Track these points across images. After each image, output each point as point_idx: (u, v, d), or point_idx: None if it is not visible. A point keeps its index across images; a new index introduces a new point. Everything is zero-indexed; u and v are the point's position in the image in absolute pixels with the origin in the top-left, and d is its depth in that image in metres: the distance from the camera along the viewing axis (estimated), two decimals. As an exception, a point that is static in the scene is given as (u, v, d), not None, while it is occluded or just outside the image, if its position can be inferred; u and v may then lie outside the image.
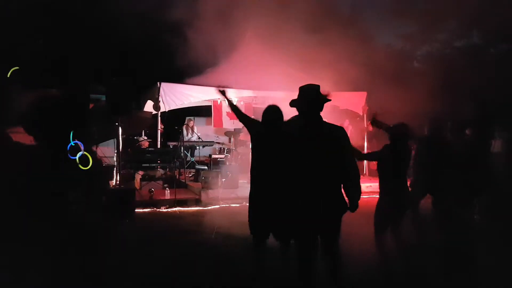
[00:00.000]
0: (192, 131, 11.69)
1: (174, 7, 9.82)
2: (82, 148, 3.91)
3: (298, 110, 3.21)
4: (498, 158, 5.81)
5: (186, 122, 12.03)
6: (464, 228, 4.91)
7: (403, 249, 4.08)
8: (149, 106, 10.37)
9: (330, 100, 3.21)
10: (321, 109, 3.14)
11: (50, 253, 4.36)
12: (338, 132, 3.14)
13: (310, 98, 3.14)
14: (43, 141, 5.37)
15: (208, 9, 9.83)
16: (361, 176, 3.53)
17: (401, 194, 4.10)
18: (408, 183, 4.33)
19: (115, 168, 8.27)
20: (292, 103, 3.24)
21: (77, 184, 5.42)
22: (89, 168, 5.10)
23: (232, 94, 11.01)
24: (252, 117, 4.02)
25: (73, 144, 3.88)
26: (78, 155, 3.79)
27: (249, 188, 3.71)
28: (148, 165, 9.29)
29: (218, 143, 12.26)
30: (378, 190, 4.23)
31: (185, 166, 10.32)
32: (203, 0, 10.02)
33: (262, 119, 3.67)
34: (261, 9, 10.63)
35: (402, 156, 4.12)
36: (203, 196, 8.24)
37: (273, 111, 3.62)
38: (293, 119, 3.40)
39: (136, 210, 7.07)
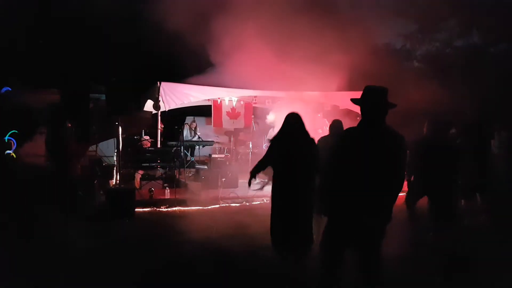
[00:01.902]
0: (195, 133, 11.69)
1: (174, 7, 9.83)
2: (14, 146, 3.96)
3: (361, 110, 3.01)
4: (497, 158, 5.82)
5: (188, 123, 12.00)
6: (460, 228, 4.92)
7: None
8: (149, 106, 10.37)
9: (395, 105, 3.02)
10: (386, 114, 2.96)
11: (49, 253, 4.37)
12: (398, 141, 2.95)
13: (375, 100, 2.95)
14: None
15: (207, 8, 9.84)
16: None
17: None
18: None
19: (115, 168, 8.28)
20: (355, 101, 3.05)
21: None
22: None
23: (232, 93, 11.03)
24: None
25: (5, 140, 3.94)
26: (6, 152, 3.85)
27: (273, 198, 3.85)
28: (148, 164, 9.29)
29: (218, 142, 12.27)
30: None
31: (185, 166, 10.33)
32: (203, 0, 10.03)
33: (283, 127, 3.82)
34: (262, 9, 10.62)
35: None
36: (203, 196, 8.24)
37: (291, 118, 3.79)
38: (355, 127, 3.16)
39: (136, 209, 7.07)
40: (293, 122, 3.90)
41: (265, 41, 11.52)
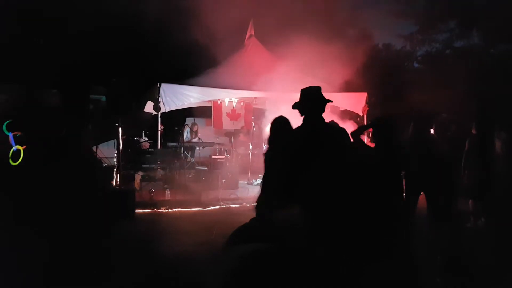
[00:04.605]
0: (196, 135, 11.68)
1: (175, 7, 9.84)
2: (12, 142, 3.83)
3: (300, 112, 3.25)
4: (496, 159, 5.81)
5: (190, 126, 12.00)
6: (458, 227, 4.91)
7: None
8: (149, 107, 10.37)
9: (331, 101, 3.29)
10: (323, 110, 3.20)
11: (48, 253, 4.36)
12: (342, 133, 3.21)
13: (312, 100, 3.19)
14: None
15: (209, 8, 9.85)
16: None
17: None
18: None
19: (115, 169, 8.28)
20: (295, 106, 3.28)
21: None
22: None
23: (232, 94, 11.03)
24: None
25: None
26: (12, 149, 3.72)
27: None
28: (148, 165, 9.28)
29: (218, 144, 12.27)
30: None
31: (185, 167, 10.32)
32: (204, 0, 10.04)
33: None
34: (262, 10, 10.64)
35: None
36: (203, 197, 8.24)
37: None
38: (298, 127, 3.33)
39: (136, 210, 7.07)
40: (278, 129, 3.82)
41: (265, 41, 11.53)
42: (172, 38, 11.40)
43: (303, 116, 3.22)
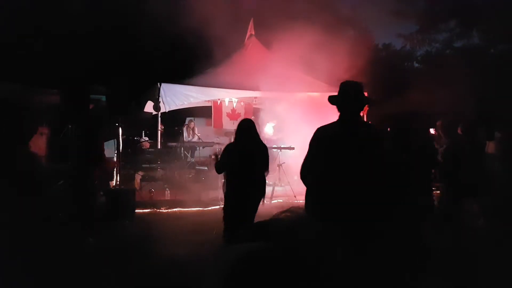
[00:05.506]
0: (193, 132, 11.67)
1: (176, 8, 9.84)
2: None
3: (338, 108, 2.98)
4: (492, 159, 5.82)
5: (187, 123, 12.00)
6: (457, 227, 4.91)
7: None
8: (149, 107, 10.37)
9: (371, 100, 3.15)
10: (361, 109, 2.99)
11: (48, 253, 4.36)
12: (379, 133, 3.01)
13: (351, 96, 2.94)
14: None
15: (209, 8, 9.86)
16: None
17: None
18: None
19: (115, 169, 8.29)
20: (332, 100, 2.98)
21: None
22: None
23: (232, 94, 11.03)
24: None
25: None
26: None
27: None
28: (148, 165, 9.29)
29: (219, 143, 12.25)
30: None
31: (185, 167, 10.32)
32: (205, 0, 10.05)
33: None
34: (262, 9, 10.64)
35: None
36: (203, 197, 8.24)
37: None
38: (332, 124, 3.05)
39: (136, 210, 7.07)
40: (246, 127, 4.42)
41: (266, 41, 11.53)
42: (172, 38, 11.38)
43: (340, 113, 2.97)
